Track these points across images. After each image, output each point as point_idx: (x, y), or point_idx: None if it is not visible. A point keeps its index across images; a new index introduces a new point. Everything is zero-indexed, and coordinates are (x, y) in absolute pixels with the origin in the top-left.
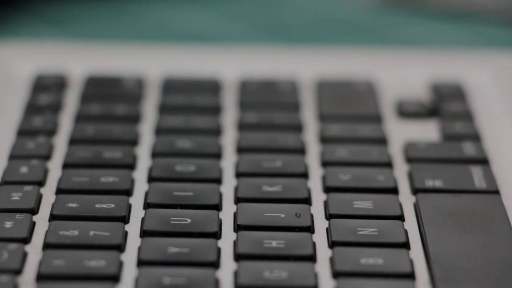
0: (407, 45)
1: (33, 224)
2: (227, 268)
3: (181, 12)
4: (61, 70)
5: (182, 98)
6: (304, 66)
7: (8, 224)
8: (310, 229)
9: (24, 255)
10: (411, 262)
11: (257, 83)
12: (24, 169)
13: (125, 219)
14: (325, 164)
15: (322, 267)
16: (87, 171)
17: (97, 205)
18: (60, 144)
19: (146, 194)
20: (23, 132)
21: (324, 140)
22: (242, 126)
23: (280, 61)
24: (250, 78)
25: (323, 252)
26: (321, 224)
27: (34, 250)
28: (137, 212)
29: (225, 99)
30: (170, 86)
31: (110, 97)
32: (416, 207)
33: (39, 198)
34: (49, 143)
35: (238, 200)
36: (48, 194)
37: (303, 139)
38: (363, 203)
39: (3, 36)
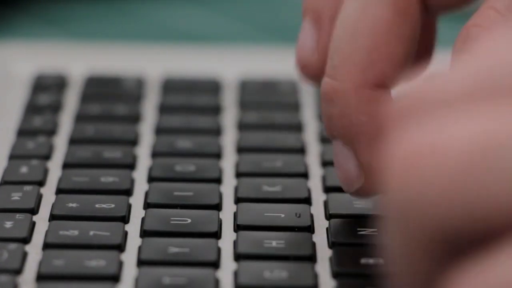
0: None
1: (33, 224)
2: (227, 268)
3: (181, 12)
4: (61, 70)
5: (182, 98)
6: None
7: (8, 224)
8: (310, 229)
9: (24, 255)
10: None
11: (257, 83)
12: (24, 169)
13: (125, 219)
14: (325, 164)
15: (322, 267)
16: (87, 171)
17: (97, 205)
18: (60, 144)
19: (146, 194)
20: (23, 132)
21: (324, 140)
22: (242, 126)
23: (280, 61)
24: (250, 78)
25: (323, 252)
26: (321, 224)
27: (34, 250)
28: (137, 212)
29: (225, 99)
30: (170, 86)
31: (110, 97)
32: None
33: (39, 198)
34: (49, 143)
35: (238, 200)
36: (48, 194)
37: (303, 139)
38: (363, 203)
39: (3, 36)
